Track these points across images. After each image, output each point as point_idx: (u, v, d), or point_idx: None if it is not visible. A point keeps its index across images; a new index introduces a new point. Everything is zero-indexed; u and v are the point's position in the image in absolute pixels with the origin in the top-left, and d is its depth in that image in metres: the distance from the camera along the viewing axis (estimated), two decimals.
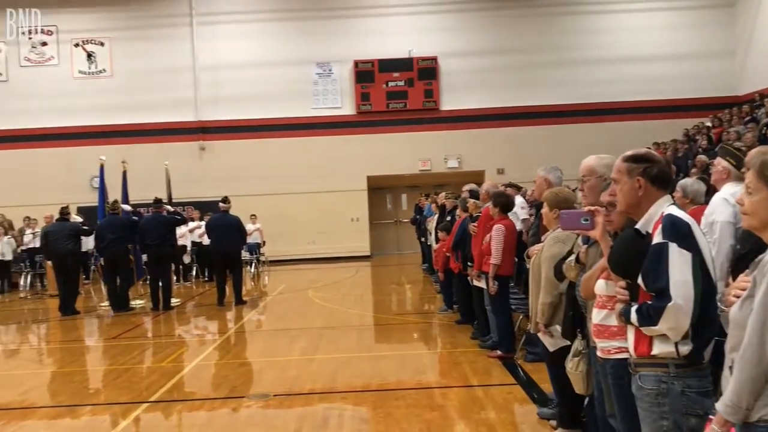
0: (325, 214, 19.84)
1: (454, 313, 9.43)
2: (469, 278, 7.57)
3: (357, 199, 20.11)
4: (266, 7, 20.20)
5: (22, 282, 15.85)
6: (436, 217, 11.37)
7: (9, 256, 15.84)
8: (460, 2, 20.29)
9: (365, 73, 20.00)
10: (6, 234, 15.94)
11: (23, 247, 16.07)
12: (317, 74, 20.13)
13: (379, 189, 21.35)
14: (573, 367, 3.67)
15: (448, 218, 9.61)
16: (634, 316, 2.56)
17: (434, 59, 20.03)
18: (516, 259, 6.89)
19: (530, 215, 7.97)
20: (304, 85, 20.10)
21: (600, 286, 3.03)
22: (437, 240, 9.86)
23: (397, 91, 19.98)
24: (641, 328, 2.56)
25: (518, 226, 7.44)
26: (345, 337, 8.57)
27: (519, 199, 8.06)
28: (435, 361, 7.30)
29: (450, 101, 20.12)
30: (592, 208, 3.08)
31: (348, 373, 6.68)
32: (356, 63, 20.00)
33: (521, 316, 7.49)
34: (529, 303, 4.97)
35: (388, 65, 19.95)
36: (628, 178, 2.74)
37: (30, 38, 19.78)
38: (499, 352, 6.84)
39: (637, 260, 2.60)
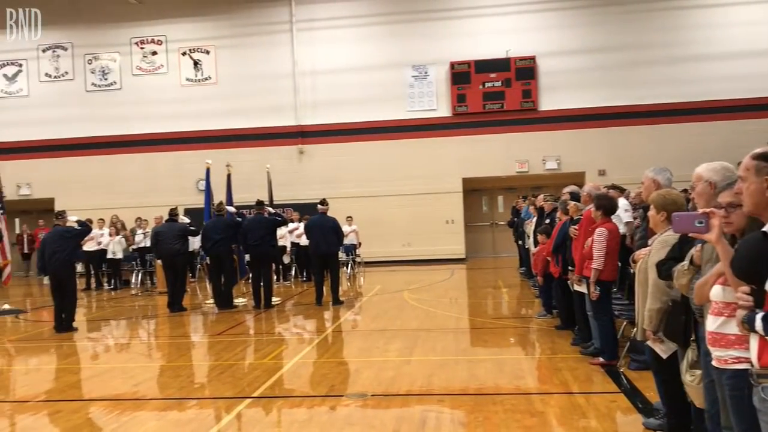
0: (420, 216, 19.87)
1: (554, 318, 9.22)
2: (569, 283, 7.37)
3: (452, 201, 20.03)
4: (363, 12, 20.46)
5: (133, 279, 16.75)
6: (534, 219, 11.16)
7: (120, 255, 16.74)
8: (558, 0, 19.85)
9: (461, 75, 19.90)
10: (118, 234, 16.86)
11: (134, 247, 16.96)
12: (413, 77, 20.20)
13: (475, 191, 21.18)
14: (694, 380, 3.49)
15: (547, 221, 9.41)
16: (759, 324, 2.40)
17: (532, 59, 19.68)
18: (619, 264, 6.65)
19: (634, 218, 7.67)
20: (400, 88, 20.22)
21: (716, 292, 2.87)
22: (536, 243, 9.67)
23: (493, 92, 19.76)
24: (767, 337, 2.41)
25: (621, 229, 7.18)
26: (441, 340, 8.54)
27: (622, 202, 7.75)
28: (533, 367, 7.15)
29: (549, 101, 19.71)
30: (708, 210, 2.92)
31: (445, 375, 6.64)
32: (452, 65, 19.94)
33: (625, 323, 7.23)
34: (635, 309, 4.78)
35: (485, 66, 19.76)
36: (756, 177, 2.58)
37: (142, 48, 20.92)
38: (601, 360, 6.63)
39: (764, 264, 2.44)
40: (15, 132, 21.14)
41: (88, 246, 15.76)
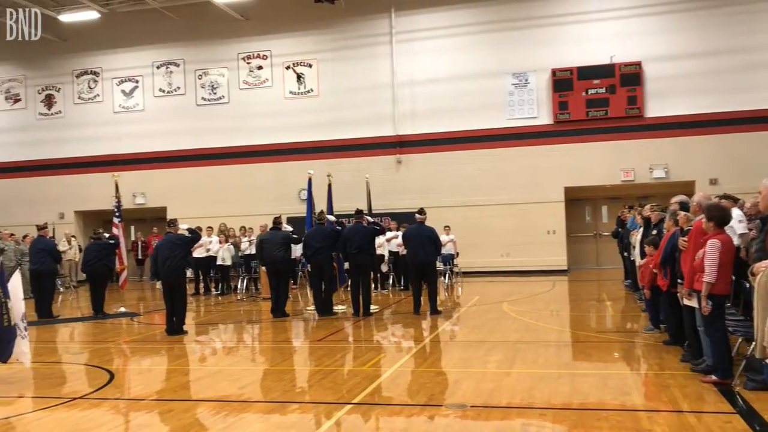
0: (520, 226, 19.58)
1: (661, 333, 8.84)
2: (678, 296, 7.06)
3: (554, 210, 19.60)
4: (462, 22, 20.44)
5: (239, 285, 17.37)
6: (641, 230, 10.76)
7: (229, 261, 17.41)
8: (665, 3, 19.11)
9: (563, 82, 19.49)
10: (227, 241, 17.54)
11: (240, 254, 17.59)
12: (513, 85, 19.96)
13: (578, 200, 20.65)
14: None
15: (654, 232, 9.05)
16: None
17: (638, 64, 19.02)
18: (733, 277, 6.31)
19: (749, 229, 7.26)
20: (499, 96, 20.03)
21: None
22: (642, 255, 9.32)
23: (597, 99, 19.23)
24: None
25: (735, 241, 6.80)
26: (542, 353, 8.36)
27: (736, 212, 7.35)
28: (640, 383, 6.88)
29: (656, 108, 18.97)
30: None
31: (546, 389, 6.49)
32: (554, 71, 19.57)
33: (740, 340, 6.84)
34: (752, 325, 4.52)
35: (588, 72, 19.28)
36: None
37: (248, 63, 21.74)
38: (714, 378, 6.29)
39: None
40: (131, 144, 22.45)
41: (198, 253, 16.48)
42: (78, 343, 11.15)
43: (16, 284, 7.27)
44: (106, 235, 14.42)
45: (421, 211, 12.35)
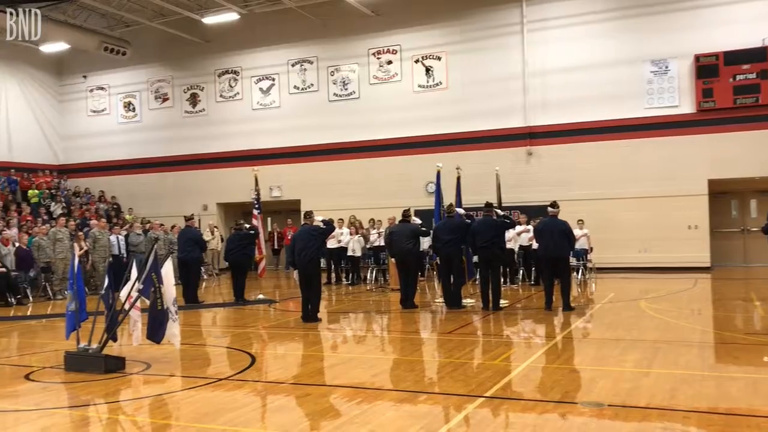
0: (659, 221, 18.65)
1: None
2: None
3: (696, 204, 18.50)
4: (597, 8, 19.71)
5: (368, 276, 17.73)
6: None
7: (359, 253, 17.84)
8: None
9: (708, 68, 18.32)
10: (357, 233, 17.96)
11: (369, 245, 17.96)
12: (652, 72, 19.01)
13: (723, 194, 19.41)
14: None
15: None
16: None
17: None
18: None
19: None
20: (636, 85, 19.15)
21: None
22: None
23: (746, 85, 17.92)
24: None
25: None
26: (684, 353, 7.93)
27: None
28: None
29: None
30: None
31: (689, 391, 6.16)
32: (697, 57, 18.44)
33: None
34: None
35: (736, 57, 18.01)
36: None
37: (378, 58, 22.07)
38: None
39: None
40: (268, 140, 23.45)
41: (330, 243, 16.97)
42: (220, 328, 11.82)
43: (168, 271, 7.81)
44: (247, 226, 15.16)
45: (554, 204, 12.05)
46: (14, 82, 25.63)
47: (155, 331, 7.76)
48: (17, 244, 16.49)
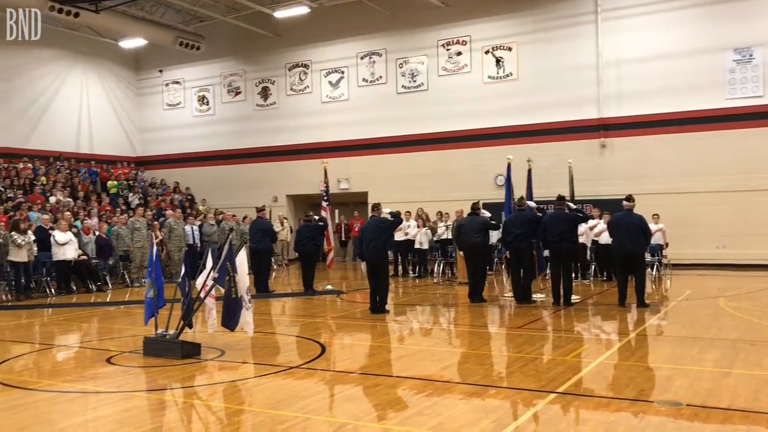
0: (739, 216, 17.91)
1: None
2: None
3: None
4: None
5: (435, 269, 17.67)
6: None
7: (426, 245, 17.79)
8: None
9: None
10: (424, 225, 17.91)
11: (436, 238, 17.89)
12: (734, 61, 18.23)
13: None
14: None
15: None
16: None
17: None
18: None
19: None
20: (717, 74, 18.41)
21: None
22: None
23: None
24: None
25: None
26: None
27: None
28: None
29: None
30: None
31: None
32: None
33: None
34: None
35: None
36: None
37: (448, 50, 21.93)
38: None
39: None
40: (336, 132, 23.66)
41: (397, 236, 16.97)
42: (289, 317, 12.02)
43: (242, 260, 7.97)
44: (316, 217, 15.33)
45: (629, 198, 11.71)
46: (95, 78, 26.65)
47: (229, 318, 7.94)
48: (97, 233, 17.18)
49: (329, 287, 15.11)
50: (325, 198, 15.84)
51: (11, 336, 10.29)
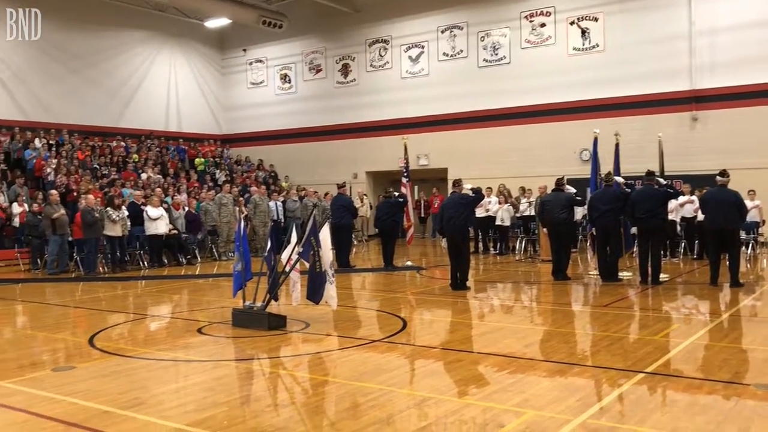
0: None
1: None
2: None
3: None
4: None
5: (517, 246, 17.45)
6: None
7: (507, 222, 17.57)
8: None
9: None
10: (506, 202, 17.68)
11: (519, 215, 17.63)
12: None
13: None
14: None
15: None
16: None
17: None
18: None
19: None
20: None
21: None
22: None
23: None
24: None
25: None
26: None
27: None
28: None
29: None
30: None
31: None
32: None
33: None
34: None
35: None
36: None
37: (531, 21, 21.39)
38: None
39: None
40: (416, 108, 23.54)
41: (478, 213, 16.80)
42: (369, 292, 12.15)
43: (325, 235, 8.10)
44: (396, 193, 15.37)
45: (723, 173, 11.16)
46: (182, 58, 27.46)
47: (314, 292, 8.10)
48: (186, 209, 17.81)
49: (409, 263, 15.16)
50: (405, 174, 15.84)
51: (107, 306, 10.85)
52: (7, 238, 16.98)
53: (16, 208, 17.05)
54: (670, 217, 13.81)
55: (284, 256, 8.43)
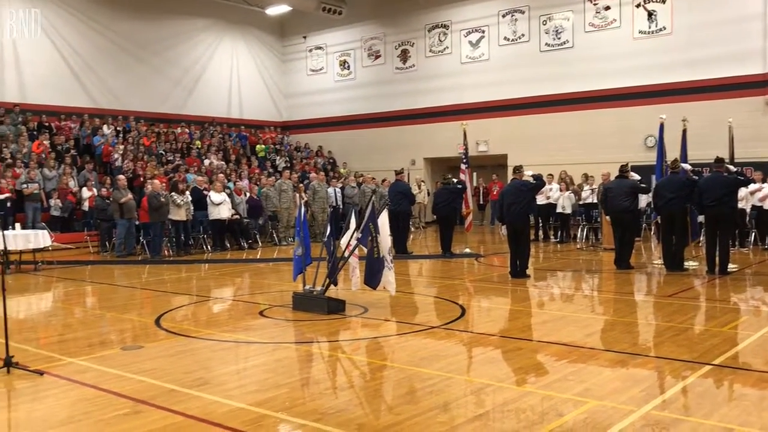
0: None
1: None
2: None
3: None
4: None
5: (578, 234, 17.14)
6: None
7: (569, 210, 17.27)
8: None
9: None
10: (567, 189, 17.37)
11: (581, 202, 17.30)
12: None
13: None
14: None
15: None
16: None
17: None
18: None
19: None
20: None
21: None
22: None
23: None
24: None
25: None
26: None
27: None
28: None
29: None
30: None
31: None
32: None
33: None
34: None
35: None
36: None
37: (595, 4, 20.86)
38: None
39: None
40: (476, 94, 23.32)
41: (539, 200, 16.54)
42: (427, 278, 12.14)
43: (383, 222, 8.12)
44: (455, 180, 15.28)
45: None
46: (243, 45, 27.86)
47: (372, 277, 8.14)
48: (248, 194, 18.12)
49: (467, 250, 15.08)
50: (464, 160, 15.72)
51: (172, 288, 11.16)
52: (77, 221, 17.62)
53: (86, 193, 17.68)
54: (740, 205, 13.34)
55: (343, 241, 8.50)
